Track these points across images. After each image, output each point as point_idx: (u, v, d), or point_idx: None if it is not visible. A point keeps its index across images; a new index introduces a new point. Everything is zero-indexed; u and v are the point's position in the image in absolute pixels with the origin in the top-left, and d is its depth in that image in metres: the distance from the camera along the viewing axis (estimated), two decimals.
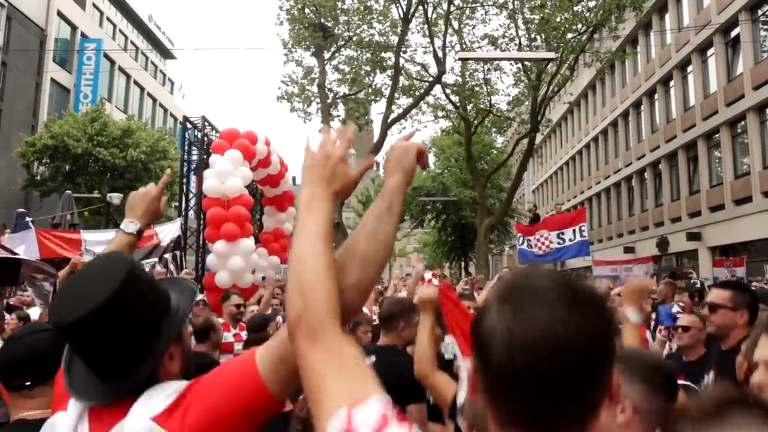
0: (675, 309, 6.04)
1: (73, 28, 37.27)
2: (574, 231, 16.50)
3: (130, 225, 1.90)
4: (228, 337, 5.44)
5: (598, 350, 0.78)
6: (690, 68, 25.48)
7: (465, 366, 2.64)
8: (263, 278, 9.49)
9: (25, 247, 7.31)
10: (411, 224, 40.75)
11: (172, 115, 47.77)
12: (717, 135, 23.53)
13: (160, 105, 46.81)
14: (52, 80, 35.40)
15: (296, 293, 1.09)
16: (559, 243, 16.61)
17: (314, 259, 1.12)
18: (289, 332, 1.08)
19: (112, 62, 39.32)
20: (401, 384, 2.73)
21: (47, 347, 1.90)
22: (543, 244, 16.97)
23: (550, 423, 0.78)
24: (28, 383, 1.87)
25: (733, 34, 22.33)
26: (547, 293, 0.78)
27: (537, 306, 0.77)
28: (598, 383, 0.79)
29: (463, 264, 38.90)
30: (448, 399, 2.53)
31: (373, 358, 3.33)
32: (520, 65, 22.41)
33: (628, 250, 29.64)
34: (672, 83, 27.16)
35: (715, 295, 3.24)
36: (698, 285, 8.81)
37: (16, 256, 6.09)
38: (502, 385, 0.78)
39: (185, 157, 11.04)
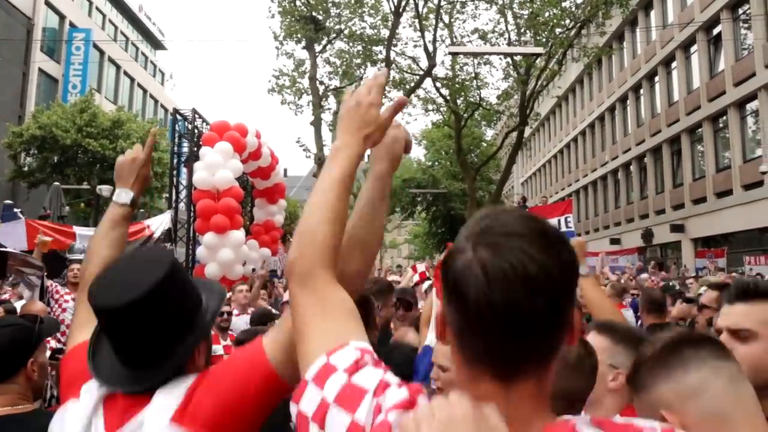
0: None
1: (61, 17, 36.93)
2: (559, 221, 16.72)
3: (122, 195, 1.76)
4: (218, 349, 5.19)
5: (566, 285, 0.82)
6: (674, 64, 25.86)
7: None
8: (253, 270, 9.67)
9: (13, 238, 7.35)
10: (401, 216, 40.99)
11: (162, 106, 47.54)
12: (700, 129, 23.97)
13: (151, 96, 46.57)
14: (40, 70, 35.12)
15: (296, 240, 1.14)
16: None
17: (319, 209, 1.16)
18: (285, 276, 1.18)
19: (102, 52, 39.04)
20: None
21: (7, 344, 1.89)
22: None
23: (518, 357, 0.81)
24: None
25: (715, 31, 22.75)
26: (518, 233, 0.81)
27: (510, 244, 0.80)
28: (564, 319, 0.83)
29: None
30: None
31: None
32: (509, 60, 22.63)
33: (615, 241, 30.11)
34: (657, 79, 27.54)
35: (705, 297, 3.54)
36: (677, 287, 8.43)
37: (3, 249, 6.20)
38: (479, 320, 0.80)
39: (175, 149, 11.18)
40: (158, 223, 10.04)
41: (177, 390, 1.24)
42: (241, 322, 5.87)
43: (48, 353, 4.48)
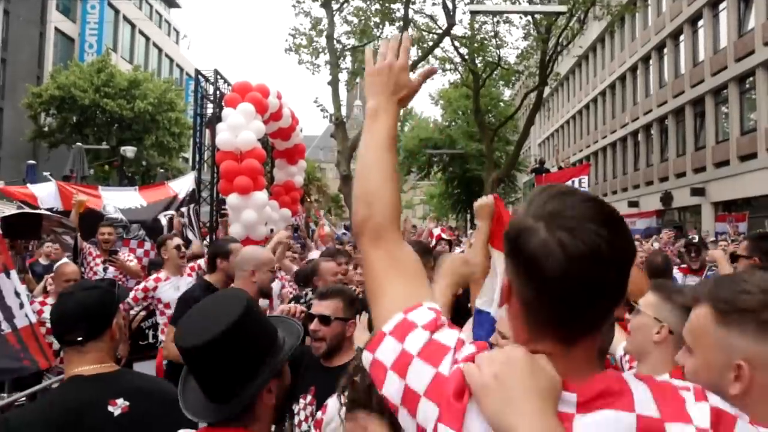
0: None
1: None
2: (572, 182, 16.79)
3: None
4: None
5: (629, 261, 0.94)
6: (701, 23, 25.09)
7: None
8: (271, 231, 9.78)
9: (47, 199, 7.51)
10: (417, 176, 40.88)
11: (178, 65, 47.34)
12: (725, 91, 23.40)
13: (166, 55, 46.33)
14: (57, 30, 35.04)
15: (362, 200, 1.21)
16: None
17: (379, 168, 1.23)
18: (354, 234, 1.24)
19: (117, 11, 38.78)
20: None
21: (97, 303, 1.99)
22: None
23: (584, 323, 0.94)
24: (80, 338, 1.92)
25: None
26: (589, 217, 0.91)
27: (584, 227, 0.90)
28: (624, 291, 0.95)
29: (468, 216, 39.21)
30: None
31: None
32: (529, 18, 22.11)
33: (633, 204, 29.89)
34: (682, 38, 26.78)
35: (741, 247, 3.82)
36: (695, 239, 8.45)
37: (38, 212, 6.36)
38: (557, 291, 0.90)
39: (198, 110, 11.21)
40: (181, 185, 10.13)
41: None
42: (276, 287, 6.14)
43: None
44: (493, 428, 0.87)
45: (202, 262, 5.26)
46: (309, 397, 2.58)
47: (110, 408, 1.84)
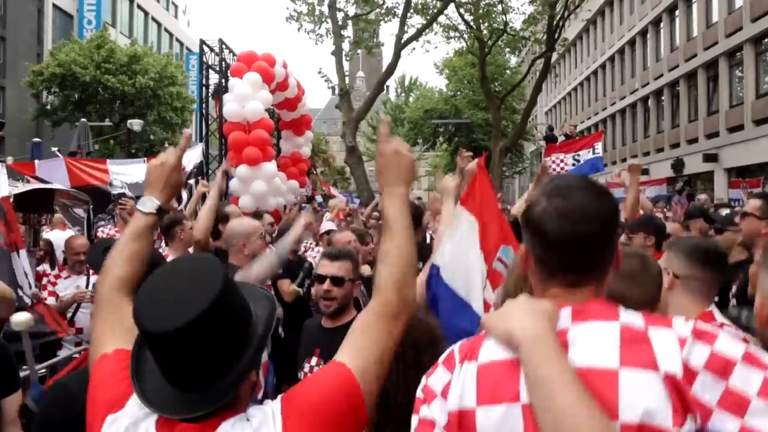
0: None
1: None
2: (588, 151, 16.84)
3: (147, 203, 1.59)
4: None
5: (613, 221, 1.18)
6: None
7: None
8: (285, 208, 9.60)
9: (55, 176, 7.44)
10: (422, 147, 40.52)
11: (177, 39, 46.72)
12: (740, 53, 22.79)
13: (165, 30, 45.67)
14: (54, 6, 34.50)
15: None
16: (573, 164, 16.96)
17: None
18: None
19: None
20: None
21: None
22: (558, 165, 17.36)
23: (581, 268, 1.17)
24: None
25: None
26: (579, 188, 1.18)
27: (575, 195, 1.16)
28: (612, 243, 1.19)
29: None
30: None
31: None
32: None
33: (643, 171, 29.31)
34: None
35: (749, 205, 3.67)
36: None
37: (50, 186, 6.25)
38: (556, 245, 1.15)
39: (203, 81, 10.98)
40: (189, 158, 9.93)
41: (266, 417, 1.20)
42: None
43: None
44: (499, 341, 1.12)
45: None
46: (315, 359, 2.67)
47: None
